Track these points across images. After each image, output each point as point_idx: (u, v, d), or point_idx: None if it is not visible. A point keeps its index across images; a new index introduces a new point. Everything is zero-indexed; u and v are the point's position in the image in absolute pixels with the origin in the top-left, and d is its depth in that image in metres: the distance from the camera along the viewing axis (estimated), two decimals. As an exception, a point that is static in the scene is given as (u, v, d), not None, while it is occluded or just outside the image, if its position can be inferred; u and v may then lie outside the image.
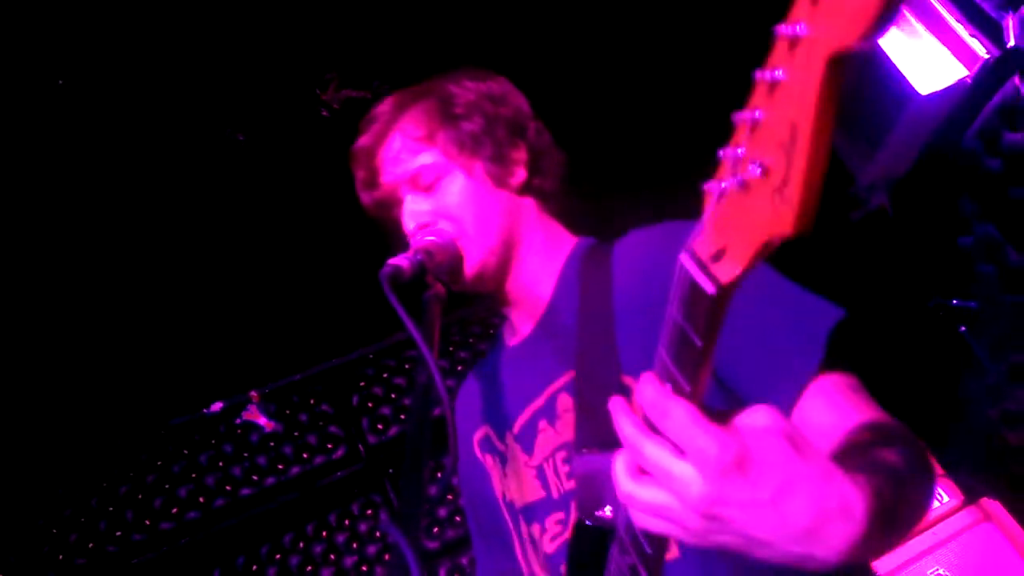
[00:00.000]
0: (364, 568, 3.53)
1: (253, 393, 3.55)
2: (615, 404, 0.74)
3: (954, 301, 2.97)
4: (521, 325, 1.42)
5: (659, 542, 0.80)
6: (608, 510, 1.07)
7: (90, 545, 3.30)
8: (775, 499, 0.64)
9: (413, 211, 1.35)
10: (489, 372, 1.48)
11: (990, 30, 2.56)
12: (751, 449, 0.65)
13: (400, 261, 1.16)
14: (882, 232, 3.26)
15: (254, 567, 3.46)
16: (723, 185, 0.62)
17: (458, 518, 3.64)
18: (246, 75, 2.57)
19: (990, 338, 2.98)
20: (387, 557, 3.57)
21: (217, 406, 3.50)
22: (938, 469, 3.09)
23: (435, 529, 3.62)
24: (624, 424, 0.72)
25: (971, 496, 3.00)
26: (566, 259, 1.40)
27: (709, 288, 0.63)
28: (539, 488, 1.30)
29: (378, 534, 3.58)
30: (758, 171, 0.57)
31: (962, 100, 2.74)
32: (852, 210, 3.22)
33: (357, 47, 2.66)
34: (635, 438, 0.70)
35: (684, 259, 0.67)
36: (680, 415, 0.66)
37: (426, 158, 1.36)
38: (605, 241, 1.41)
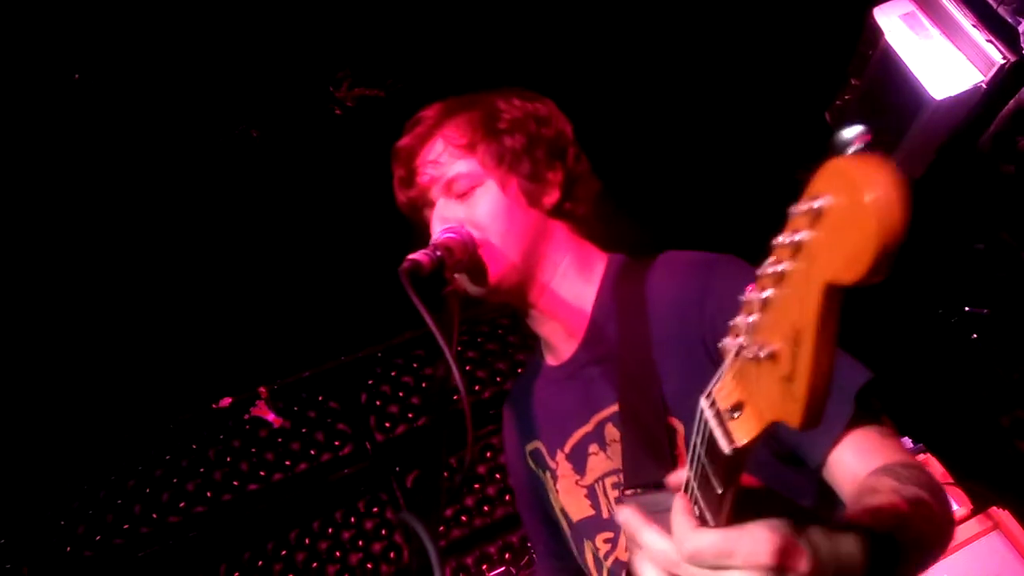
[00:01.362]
0: (369, 565, 3.54)
1: (261, 389, 3.56)
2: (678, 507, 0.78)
3: (966, 308, 2.95)
4: (561, 345, 1.43)
5: None
6: None
7: (97, 537, 3.32)
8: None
9: (443, 215, 1.37)
10: (533, 389, 1.51)
11: (1006, 36, 2.54)
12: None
13: (419, 256, 1.17)
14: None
15: (260, 563, 3.47)
16: (740, 342, 0.62)
17: (464, 517, 3.64)
18: (260, 72, 2.58)
19: (1003, 345, 2.96)
20: (392, 555, 3.58)
21: (226, 401, 3.51)
22: (948, 477, 3.07)
23: (440, 528, 3.62)
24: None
25: (980, 504, 2.98)
26: (601, 280, 1.41)
27: (725, 447, 0.66)
28: (589, 507, 1.34)
29: (383, 532, 3.59)
30: (766, 354, 0.58)
31: (977, 105, 2.73)
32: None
33: (370, 46, 2.67)
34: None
35: (704, 403, 0.70)
36: (709, 542, 0.72)
37: (464, 166, 1.38)
38: (635, 257, 1.42)
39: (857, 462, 1.04)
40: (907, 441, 3.11)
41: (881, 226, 0.47)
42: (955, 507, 3.01)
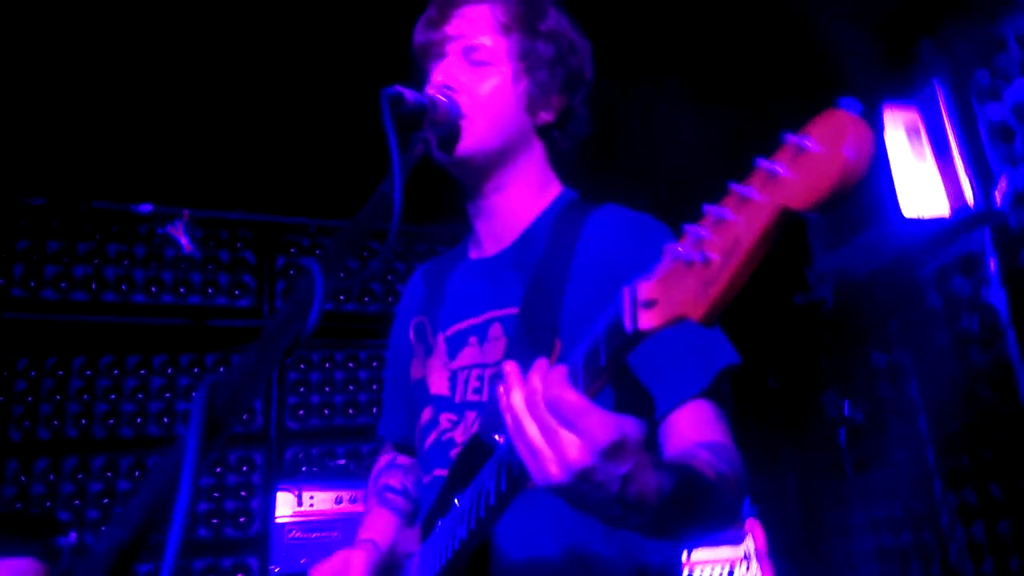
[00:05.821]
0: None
1: (185, 211, 3.51)
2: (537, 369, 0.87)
3: (846, 407, 3.14)
4: (489, 243, 1.50)
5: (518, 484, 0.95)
6: (501, 437, 1.18)
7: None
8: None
9: (449, 70, 1.41)
10: (443, 273, 1.59)
11: (984, 179, 2.70)
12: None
13: (407, 92, 1.22)
14: (814, 322, 3.42)
15: (116, 371, 3.44)
16: (680, 250, 0.72)
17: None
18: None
19: (859, 453, 3.16)
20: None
21: (146, 207, 3.45)
22: (763, 545, 3.27)
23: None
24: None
25: (782, 581, 3.19)
26: (549, 203, 1.49)
27: (627, 326, 0.77)
28: (447, 388, 1.44)
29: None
30: (702, 260, 0.68)
31: (933, 235, 2.89)
32: (798, 292, 3.37)
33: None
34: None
35: (625, 290, 0.79)
36: (573, 397, 0.81)
37: (491, 40, 1.43)
38: (585, 200, 1.50)
39: (689, 429, 1.16)
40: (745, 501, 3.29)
41: (844, 176, 0.58)
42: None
